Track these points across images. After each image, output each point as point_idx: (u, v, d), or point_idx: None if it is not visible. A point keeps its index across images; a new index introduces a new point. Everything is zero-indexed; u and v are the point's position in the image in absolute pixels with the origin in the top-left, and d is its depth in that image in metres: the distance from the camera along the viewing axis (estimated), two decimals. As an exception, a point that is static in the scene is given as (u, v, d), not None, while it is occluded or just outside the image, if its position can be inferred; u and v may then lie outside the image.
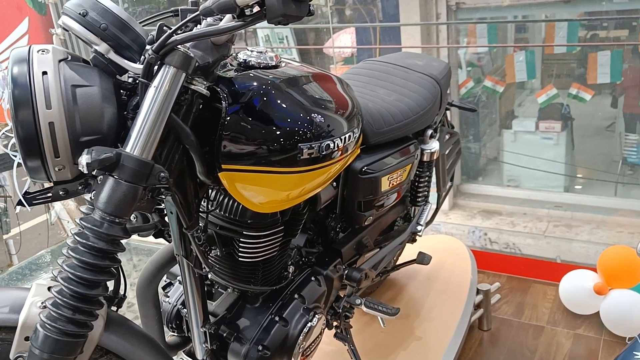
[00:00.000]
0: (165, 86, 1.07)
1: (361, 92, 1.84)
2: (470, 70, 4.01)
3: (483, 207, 3.92)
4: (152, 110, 1.07)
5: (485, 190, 4.00)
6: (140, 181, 1.05)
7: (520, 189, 3.91)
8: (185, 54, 1.08)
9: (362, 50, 4.13)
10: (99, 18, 1.09)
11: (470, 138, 4.05)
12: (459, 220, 3.86)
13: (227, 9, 1.04)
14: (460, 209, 3.98)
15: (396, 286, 2.28)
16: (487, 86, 3.92)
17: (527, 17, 4.14)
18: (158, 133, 1.08)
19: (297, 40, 4.09)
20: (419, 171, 1.98)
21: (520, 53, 3.82)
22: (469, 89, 3.95)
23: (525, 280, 2.62)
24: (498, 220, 3.82)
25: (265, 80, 1.27)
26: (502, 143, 3.95)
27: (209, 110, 1.23)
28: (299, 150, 1.26)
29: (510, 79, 3.80)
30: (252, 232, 1.42)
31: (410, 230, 1.96)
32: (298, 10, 1.05)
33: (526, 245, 3.71)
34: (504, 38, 4.14)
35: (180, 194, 1.24)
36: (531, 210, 3.76)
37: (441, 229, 3.91)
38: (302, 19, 1.10)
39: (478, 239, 3.84)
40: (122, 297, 1.27)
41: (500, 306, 2.49)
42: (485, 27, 3.91)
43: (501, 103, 4.00)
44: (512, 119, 3.93)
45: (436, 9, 3.85)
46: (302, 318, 1.54)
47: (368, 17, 4.02)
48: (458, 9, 3.89)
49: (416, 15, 3.82)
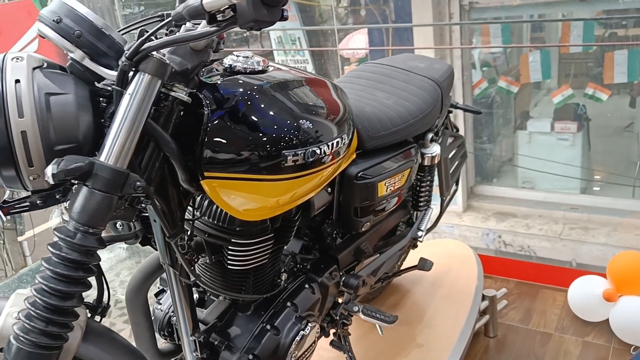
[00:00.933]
0: (140, 93, 1.05)
1: (359, 95, 1.81)
2: (485, 70, 3.95)
3: (497, 209, 3.86)
4: (126, 118, 1.05)
5: (499, 192, 3.95)
6: (115, 191, 1.04)
7: (536, 191, 3.85)
8: (160, 60, 1.06)
9: (375, 52, 4.10)
10: (74, 25, 1.08)
11: (484, 139, 4.00)
12: (473, 222, 3.82)
13: (196, 14, 1.03)
14: (474, 211, 3.93)
15: (400, 292, 2.25)
16: (501, 86, 3.86)
17: (543, 16, 4.07)
18: (133, 141, 1.06)
19: (310, 42, 4.07)
20: (420, 175, 1.94)
21: (535, 53, 3.76)
22: (482, 90, 3.90)
23: (534, 286, 2.57)
24: (513, 223, 3.77)
25: (249, 86, 1.25)
26: (516, 144, 3.89)
27: (192, 117, 1.21)
28: (283, 157, 1.24)
29: (525, 79, 3.74)
30: (240, 240, 1.41)
31: (411, 235, 1.92)
32: (270, 15, 1.03)
33: (541, 248, 3.65)
34: (519, 37, 4.08)
35: (163, 202, 1.23)
36: (547, 212, 3.71)
37: (455, 232, 3.86)
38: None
39: (492, 242, 3.79)
40: (105, 306, 1.26)
41: (507, 312, 2.44)
42: (499, 27, 3.85)
43: (516, 103, 3.94)
44: (526, 120, 3.87)
45: (449, 8, 3.81)
46: (294, 326, 1.52)
47: (380, 18, 3.99)
48: (471, 9, 3.83)
49: (429, 15, 3.78)
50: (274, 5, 1.02)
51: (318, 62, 4.07)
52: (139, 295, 1.49)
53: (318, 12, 4.35)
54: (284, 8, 1.08)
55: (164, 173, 1.21)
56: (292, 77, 1.36)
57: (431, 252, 2.48)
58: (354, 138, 1.60)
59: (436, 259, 2.40)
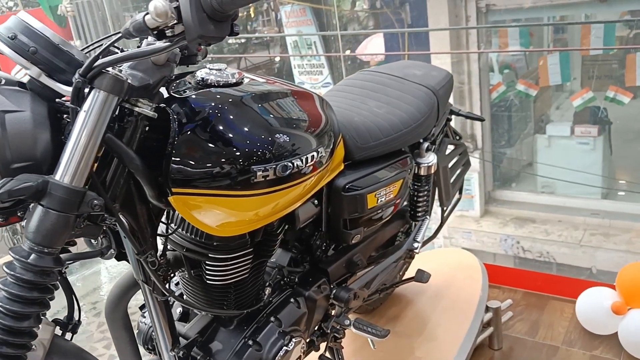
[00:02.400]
0: (95, 110, 1.04)
1: (350, 104, 1.78)
2: (506, 72, 3.88)
3: (516, 215, 3.80)
4: (82, 135, 1.04)
5: (518, 197, 3.88)
6: (71, 210, 1.03)
7: (555, 196, 3.77)
8: (115, 77, 1.05)
9: (392, 56, 4.06)
10: (28, 41, 1.07)
11: (502, 143, 3.93)
12: (491, 228, 3.76)
13: (141, 30, 1.01)
14: (492, 216, 3.87)
15: (401, 303, 2.21)
16: (520, 90, 3.80)
17: (565, 17, 3.99)
18: (90, 159, 1.05)
19: (327, 46, 4.04)
20: (417, 185, 1.90)
21: (554, 55, 3.69)
22: (500, 93, 3.84)
23: (542, 297, 2.50)
24: (531, 228, 3.70)
25: (217, 100, 1.23)
26: (535, 148, 3.81)
27: (160, 131, 1.20)
28: (252, 173, 1.21)
29: (544, 82, 3.67)
30: (218, 255, 1.39)
31: (407, 247, 1.88)
32: (218, 31, 1.01)
33: (561, 254, 3.57)
34: (540, 39, 4.00)
35: (131, 219, 1.21)
36: (567, 218, 3.63)
37: (472, 237, 3.81)
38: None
39: (510, 248, 3.73)
40: (76, 323, 1.25)
41: (514, 324, 2.38)
42: (517, 29, 3.79)
43: (535, 107, 3.87)
44: (546, 124, 3.80)
45: (465, 11, 3.75)
46: (277, 342, 1.50)
47: (396, 22, 3.95)
48: (488, 11, 3.77)
49: (445, 18, 3.73)
50: (221, 20, 1.00)
51: (336, 67, 4.04)
52: (118, 309, 1.48)
53: (337, 16, 4.33)
54: (235, 23, 1.07)
55: (130, 189, 1.20)
56: (267, 90, 1.33)
57: (437, 262, 2.44)
58: (340, 149, 1.57)
59: (441, 269, 2.37)
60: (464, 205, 3.85)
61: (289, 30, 3.88)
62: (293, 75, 4.11)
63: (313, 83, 3.99)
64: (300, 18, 3.85)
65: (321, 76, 3.91)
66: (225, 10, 0.98)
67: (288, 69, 4.27)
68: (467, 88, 3.78)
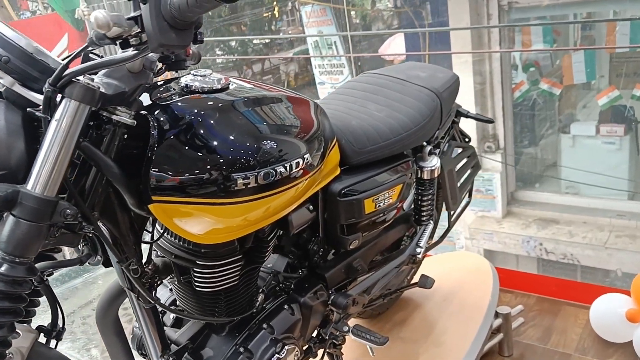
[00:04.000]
0: (66, 120, 1.04)
1: (350, 108, 1.76)
2: (530, 71, 3.81)
3: (539, 216, 3.73)
4: (53, 145, 1.03)
5: (541, 198, 3.81)
6: (43, 219, 1.03)
7: (580, 197, 3.69)
8: (86, 86, 1.04)
9: (412, 57, 4.02)
10: (1, 50, 1.07)
11: (525, 143, 3.86)
12: (513, 229, 3.70)
13: (102, 39, 1.00)
14: (515, 217, 3.80)
15: (409, 306, 2.18)
16: (543, 89, 3.72)
17: (592, 14, 3.90)
18: (62, 169, 1.05)
19: (347, 46, 4.01)
20: (421, 190, 1.87)
21: (580, 53, 3.60)
22: (523, 92, 3.77)
23: (556, 302, 2.43)
24: (555, 230, 3.63)
25: (198, 107, 1.22)
26: (559, 148, 3.74)
27: (142, 139, 1.19)
28: (233, 181, 1.20)
29: (568, 81, 3.59)
30: (206, 262, 1.38)
31: (409, 252, 1.85)
32: (180, 39, 1.00)
33: (585, 256, 3.50)
34: (565, 37, 3.91)
35: (112, 226, 1.22)
36: (591, 219, 3.55)
37: (493, 238, 3.75)
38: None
39: (533, 249, 3.66)
40: (60, 330, 1.26)
41: (525, 330, 2.32)
42: (540, 27, 3.72)
43: (559, 106, 3.79)
44: (570, 123, 3.71)
45: (487, 9, 3.69)
46: (268, 349, 1.48)
47: (417, 21, 3.90)
48: (511, 9, 3.71)
49: (466, 16, 3.67)
50: (183, 28, 0.99)
51: (357, 67, 4.02)
52: (108, 315, 1.49)
53: (360, 15, 4.30)
54: (200, 31, 1.06)
55: (110, 197, 1.20)
56: (252, 96, 1.32)
57: (447, 265, 2.41)
58: (335, 154, 1.55)
59: (451, 273, 2.33)
60: (486, 205, 3.79)
61: (309, 30, 3.86)
62: (314, 75, 4.10)
63: (333, 83, 3.97)
64: (321, 18, 3.83)
65: (342, 76, 3.90)
66: (185, 19, 0.97)
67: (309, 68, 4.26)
68: (489, 87, 3.72)
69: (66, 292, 3.22)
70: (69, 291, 3.23)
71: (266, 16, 4.57)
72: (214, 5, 0.94)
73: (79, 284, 3.21)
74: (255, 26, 4.47)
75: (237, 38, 4.43)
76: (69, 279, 3.32)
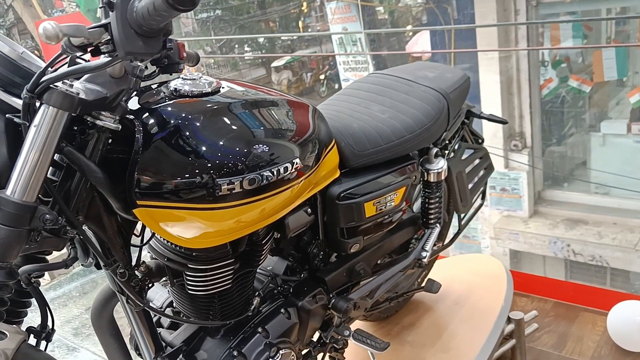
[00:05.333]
0: (45, 126, 1.04)
1: (353, 109, 1.73)
2: (560, 67, 3.74)
3: (567, 216, 3.65)
4: (32, 151, 1.04)
5: (570, 198, 3.73)
6: (22, 225, 1.03)
7: (610, 197, 3.60)
8: (64, 92, 1.04)
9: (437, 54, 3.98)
10: None
11: (553, 141, 3.78)
12: (540, 229, 3.63)
13: (70, 48, 1.00)
14: (542, 217, 3.73)
15: (419, 310, 2.14)
16: (572, 86, 3.64)
17: (626, 9, 3.81)
18: (42, 174, 1.05)
19: (371, 43, 3.98)
20: (427, 192, 1.83)
21: (611, 49, 3.51)
22: (551, 90, 3.69)
23: (573, 308, 2.36)
24: (583, 231, 3.55)
25: (182, 111, 1.21)
26: (589, 147, 3.65)
27: (128, 143, 1.19)
28: (217, 187, 1.19)
29: (598, 78, 3.51)
30: (198, 265, 1.37)
31: (414, 256, 1.82)
32: (148, 47, 0.99)
33: (614, 258, 3.42)
34: (597, 33, 3.82)
35: (99, 231, 1.22)
36: (621, 220, 3.47)
37: (519, 239, 3.69)
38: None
39: (560, 250, 3.59)
40: (50, 331, 1.27)
41: (540, 335, 2.26)
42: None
43: (589, 103, 3.71)
44: (600, 121, 3.63)
45: (514, 5, 3.62)
46: (262, 354, 1.47)
47: (442, 17, 3.85)
48: (539, 4, 3.63)
49: (493, 13, 3.61)
50: (150, 36, 0.98)
51: (382, 64, 3.99)
52: (103, 316, 1.49)
53: (388, 12, 4.27)
54: (170, 38, 1.04)
55: (95, 201, 1.20)
56: (242, 100, 1.30)
57: (460, 268, 2.36)
58: (333, 156, 1.53)
59: (464, 275, 2.29)
60: (511, 205, 3.73)
61: (334, 27, 3.84)
62: (339, 72, 4.08)
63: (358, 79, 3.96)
64: (345, 14, 3.81)
65: (366, 72, 3.86)
66: (150, 27, 0.96)
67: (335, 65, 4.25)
68: (516, 84, 3.66)
69: (87, 286, 3.27)
70: (89, 285, 3.28)
71: (294, 12, 4.55)
72: (172, 15, 0.93)
73: (98, 278, 3.25)
74: (283, 22, 4.46)
75: (249, 37, 4.42)
76: (89, 273, 3.37)
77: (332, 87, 4.38)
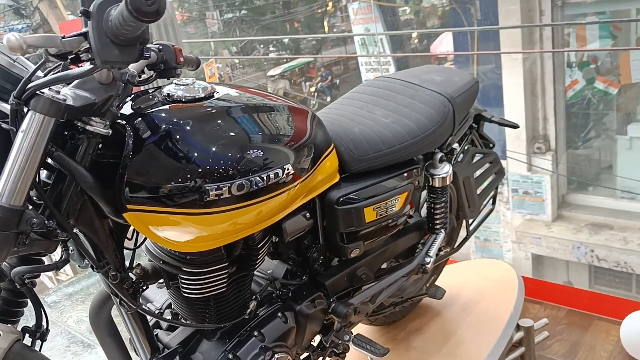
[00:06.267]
0: (32, 132, 1.06)
1: (355, 113, 1.73)
2: (588, 68, 3.65)
3: (591, 220, 3.57)
4: (20, 156, 1.06)
5: (594, 202, 3.65)
6: (9, 228, 1.06)
7: (637, 202, 3.51)
8: (50, 99, 1.06)
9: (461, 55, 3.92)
10: None
11: (578, 144, 3.71)
12: (563, 234, 3.56)
13: (49, 56, 1.02)
14: (565, 221, 3.66)
15: (426, 315, 2.13)
16: (599, 88, 3.56)
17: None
18: (29, 179, 1.08)
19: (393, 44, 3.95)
20: (433, 197, 1.82)
21: (638, 50, 3.43)
22: (576, 92, 3.61)
23: (587, 316, 2.31)
24: (608, 236, 3.47)
25: (173, 117, 1.22)
26: (615, 150, 3.57)
27: (119, 148, 1.21)
28: (205, 192, 1.20)
29: (626, 80, 3.43)
30: (192, 269, 1.39)
31: (418, 262, 1.81)
32: (124, 56, 1.00)
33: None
34: (626, 34, 3.72)
35: (92, 234, 1.24)
36: (649, 226, 3.37)
37: (542, 243, 3.63)
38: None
39: (583, 256, 3.52)
40: (44, 331, 1.29)
41: (552, 344, 2.22)
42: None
43: (615, 106, 3.62)
44: (627, 124, 3.54)
45: (539, 5, 3.55)
46: (257, 357, 1.48)
47: (465, 18, 3.80)
48: (565, 4, 3.56)
49: (517, 13, 3.55)
50: (126, 45, 0.99)
51: (404, 64, 3.96)
52: (100, 317, 1.52)
53: (413, 12, 4.23)
54: (148, 46, 1.06)
55: (87, 205, 1.22)
56: (234, 105, 1.31)
57: (471, 273, 2.34)
58: (331, 161, 1.53)
59: (475, 281, 2.26)
60: (534, 209, 3.67)
61: (355, 27, 3.83)
62: (360, 73, 4.06)
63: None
64: (367, 15, 3.80)
65: (387, 73, 3.85)
66: (123, 36, 0.97)
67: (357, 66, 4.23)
68: (540, 86, 3.59)
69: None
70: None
71: (321, 11, 4.55)
72: (139, 26, 0.94)
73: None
74: (308, 22, 4.46)
75: (265, 38, 4.43)
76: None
77: (324, 100, 4.36)
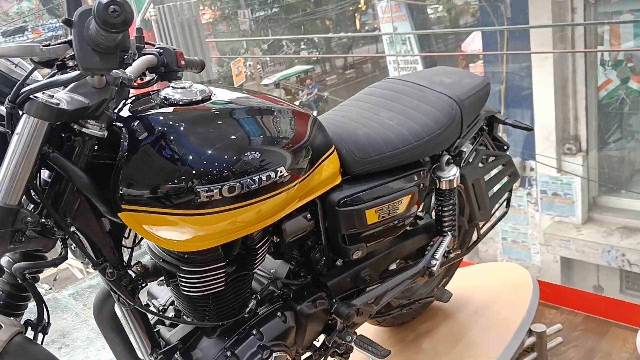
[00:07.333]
0: (26, 135, 1.10)
1: (361, 115, 1.73)
2: (623, 67, 3.57)
3: (623, 223, 3.49)
4: (14, 157, 1.11)
5: (627, 204, 3.56)
6: (4, 226, 1.10)
7: (671, 205, 3.42)
8: (43, 103, 1.10)
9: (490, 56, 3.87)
10: None
11: (610, 145, 3.63)
12: (593, 237, 3.49)
13: (38, 62, 1.05)
14: (596, 224, 3.58)
15: (437, 317, 2.12)
16: (633, 88, 3.48)
17: None
18: (24, 179, 1.12)
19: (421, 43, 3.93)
20: (440, 200, 1.81)
21: (675, 49, 3.34)
22: (609, 91, 3.54)
23: (605, 322, 2.26)
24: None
25: (167, 119, 1.25)
26: (649, 152, 3.47)
27: (115, 150, 1.25)
28: (196, 194, 1.23)
29: (660, 79, 3.34)
30: (189, 267, 1.42)
31: (424, 264, 1.80)
32: (104, 63, 1.03)
33: (673, 271, 3.25)
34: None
35: (90, 232, 1.27)
36: (683, 230, 3.29)
37: (571, 246, 3.57)
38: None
39: (614, 260, 3.45)
40: (46, 324, 1.34)
41: (566, 350, 2.19)
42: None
43: (652, 106, 3.52)
44: (662, 125, 3.45)
45: (571, 3, 3.49)
46: (255, 355, 1.50)
47: (495, 16, 3.76)
48: (597, 2, 3.48)
49: (548, 12, 3.49)
50: (107, 52, 1.02)
51: (431, 63, 3.93)
52: (103, 312, 1.56)
53: (443, 10, 4.20)
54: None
55: (84, 204, 1.25)
56: (230, 108, 1.33)
57: (485, 275, 2.32)
58: (332, 163, 1.54)
59: (489, 284, 2.25)
60: (564, 211, 3.61)
61: (384, 26, 3.82)
62: (388, 71, 4.06)
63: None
64: (395, 14, 3.78)
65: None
66: (104, 44, 1.00)
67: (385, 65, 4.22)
68: (571, 85, 3.53)
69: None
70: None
71: (352, 9, 4.55)
72: (111, 36, 0.97)
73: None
74: (339, 20, 4.46)
75: (290, 37, 4.43)
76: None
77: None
